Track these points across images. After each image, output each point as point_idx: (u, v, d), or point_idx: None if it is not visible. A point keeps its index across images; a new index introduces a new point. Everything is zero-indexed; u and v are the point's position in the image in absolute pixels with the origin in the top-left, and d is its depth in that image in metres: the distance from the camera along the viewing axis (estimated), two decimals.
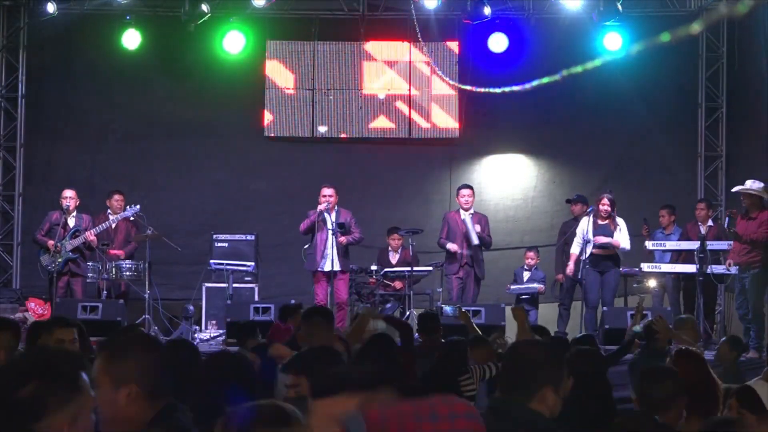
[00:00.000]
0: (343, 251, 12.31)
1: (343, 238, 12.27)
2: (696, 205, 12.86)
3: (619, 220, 12.21)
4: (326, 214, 12.22)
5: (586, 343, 7.35)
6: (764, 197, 11.31)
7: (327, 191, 12.35)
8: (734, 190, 11.76)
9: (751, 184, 11.38)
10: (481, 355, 7.28)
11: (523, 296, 12.89)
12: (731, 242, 11.47)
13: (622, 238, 12.11)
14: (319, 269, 12.18)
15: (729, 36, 14.40)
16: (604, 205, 12.07)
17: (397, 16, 14.55)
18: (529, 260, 13.26)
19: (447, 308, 11.44)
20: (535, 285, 12.92)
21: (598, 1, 13.67)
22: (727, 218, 12.09)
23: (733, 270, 11.41)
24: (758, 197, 11.26)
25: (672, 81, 14.55)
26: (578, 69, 13.02)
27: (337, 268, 12.20)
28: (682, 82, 14.78)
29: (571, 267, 12.33)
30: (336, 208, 12.41)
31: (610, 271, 12.13)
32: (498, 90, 13.48)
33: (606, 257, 12.09)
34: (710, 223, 12.52)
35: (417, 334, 8.52)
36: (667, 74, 14.26)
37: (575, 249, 12.24)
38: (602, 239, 11.98)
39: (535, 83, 13.15)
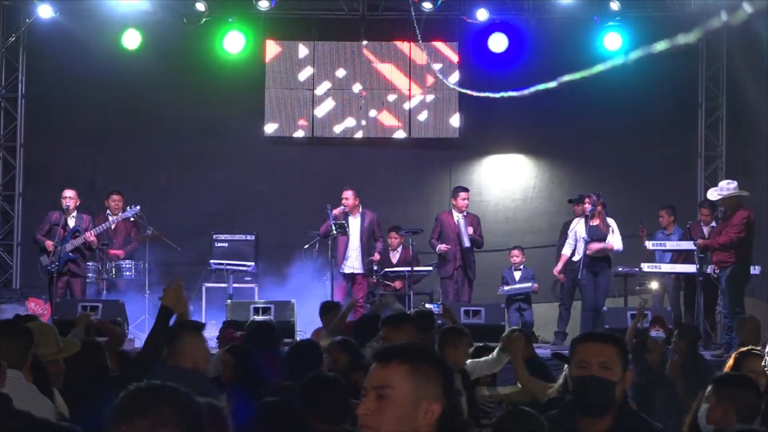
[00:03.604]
0: (367, 255, 12.47)
1: (376, 256, 12.57)
2: (700, 210, 12.83)
3: (610, 221, 12.22)
4: (350, 217, 12.38)
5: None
6: (740, 195, 11.32)
7: (344, 194, 12.57)
8: (713, 198, 11.76)
9: (727, 185, 11.40)
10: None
11: (517, 296, 12.87)
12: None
13: (615, 240, 12.13)
14: (339, 271, 12.31)
15: (729, 36, 14.40)
16: (588, 204, 12.12)
17: (397, 16, 14.54)
18: (514, 258, 13.18)
19: (432, 306, 11.40)
20: (529, 284, 12.88)
21: (597, 1, 13.74)
22: (687, 228, 12.17)
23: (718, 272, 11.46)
24: (735, 198, 11.28)
25: (672, 81, 14.55)
26: (575, 76, 13.03)
27: (357, 271, 12.36)
28: (682, 82, 14.77)
29: (559, 267, 12.39)
30: (360, 209, 12.56)
31: (602, 274, 12.15)
32: (496, 95, 13.48)
33: (598, 259, 12.10)
34: (713, 224, 12.50)
35: None
36: (667, 74, 14.26)
37: (566, 250, 12.32)
38: (596, 246, 11.98)
39: (532, 89, 13.16)
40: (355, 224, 12.62)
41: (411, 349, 2.60)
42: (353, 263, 12.52)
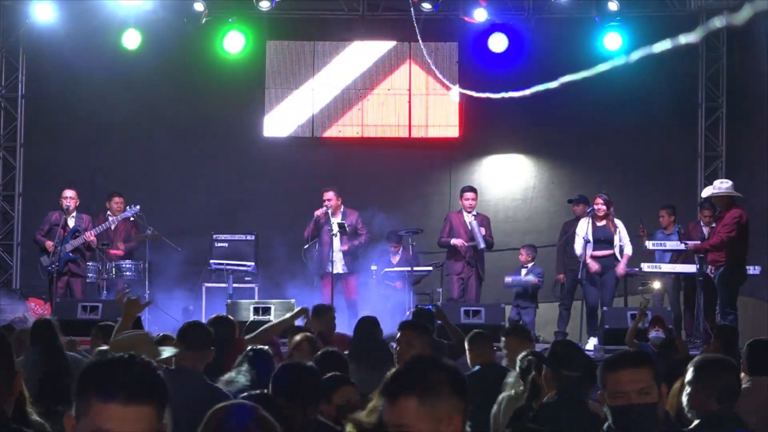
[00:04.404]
0: (351, 253, 12.41)
1: (345, 246, 12.35)
2: (701, 212, 12.82)
3: (618, 222, 12.20)
4: (331, 217, 12.30)
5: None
6: (734, 195, 11.31)
7: (327, 195, 12.45)
8: (705, 195, 11.76)
9: (720, 185, 11.39)
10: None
11: (519, 290, 12.73)
12: None
13: (626, 245, 12.11)
14: (326, 271, 12.26)
15: (729, 36, 14.41)
16: (598, 204, 12.06)
17: (396, 16, 14.55)
18: (521, 256, 13.10)
19: (427, 307, 11.36)
20: (530, 277, 12.66)
21: (596, 2, 13.77)
22: (678, 231, 12.15)
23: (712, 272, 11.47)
24: (729, 197, 11.26)
25: (672, 81, 14.55)
26: (575, 77, 13.03)
27: (343, 271, 12.31)
28: (682, 82, 14.78)
29: (594, 264, 12.05)
30: (342, 209, 12.50)
31: (607, 272, 12.11)
32: (497, 95, 13.49)
33: (604, 258, 12.07)
34: (713, 224, 12.50)
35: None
36: (667, 74, 14.27)
37: (579, 250, 12.12)
38: (622, 266, 11.98)
39: (533, 89, 13.17)
40: (335, 225, 12.51)
41: (413, 376, 2.54)
42: (339, 264, 12.47)
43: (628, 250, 12.14)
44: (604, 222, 12.09)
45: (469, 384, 2.61)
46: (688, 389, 4.06)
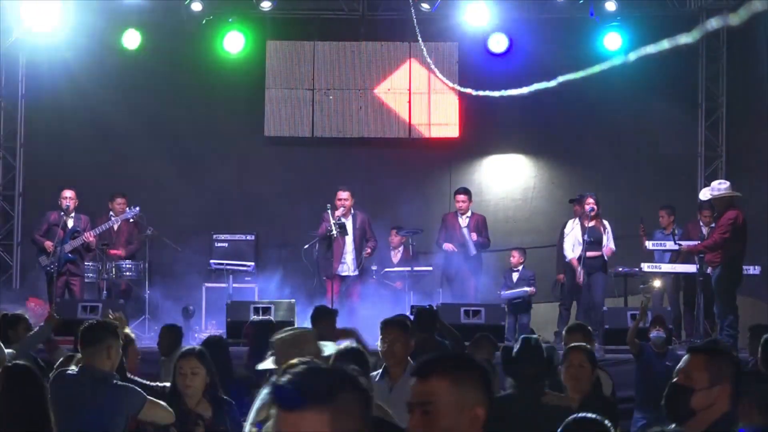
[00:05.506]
0: (359, 256, 12.43)
1: (367, 251, 12.41)
2: (700, 213, 12.81)
3: (606, 222, 12.25)
4: (331, 217, 12.26)
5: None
6: (732, 196, 11.30)
7: (342, 194, 12.42)
8: (704, 198, 11.77)
9: (718, 186, 11.38)
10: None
11: (516, 300, 12.79)
12: None
13: (609, 240, 12.16)
14: (336, 273, 12.23)
15: (729, 36, 14.41)
16: (590, 205, 12.09)
17: (397, 16, 14.55)
18: (512, 259, 13.12)
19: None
20: (526, 288, 12.75)
21: (595, 2, 13.79)
22: (672, 233, 12.16)
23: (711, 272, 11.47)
24: (727, 198, 11.25)
25: (672, 81, 14.55)
26: (575, 76, 13.03)
27: (351, 273, 12.31)
28: (682, 82, 14.78)
29: (579, 271, 12.06)
30: (352, 211, 12.47)
31: (596, 273, 12.13)
32: (496, 94, 13.49)
33: (593, 259, 12.08)
34: (712, 224, 12.50)
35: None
36: (667, 74, 14.26)
37: (570, 253, 12.20)
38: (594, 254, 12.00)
39: (531, 88, 13.17)
40: (348, 226, 12.51)
41: (448, 361, 2.70)
42: (349, 265, 12.47)
43: (611, 245, 12.20)
44: (594, 222, 12.13)
45: None
46: None
